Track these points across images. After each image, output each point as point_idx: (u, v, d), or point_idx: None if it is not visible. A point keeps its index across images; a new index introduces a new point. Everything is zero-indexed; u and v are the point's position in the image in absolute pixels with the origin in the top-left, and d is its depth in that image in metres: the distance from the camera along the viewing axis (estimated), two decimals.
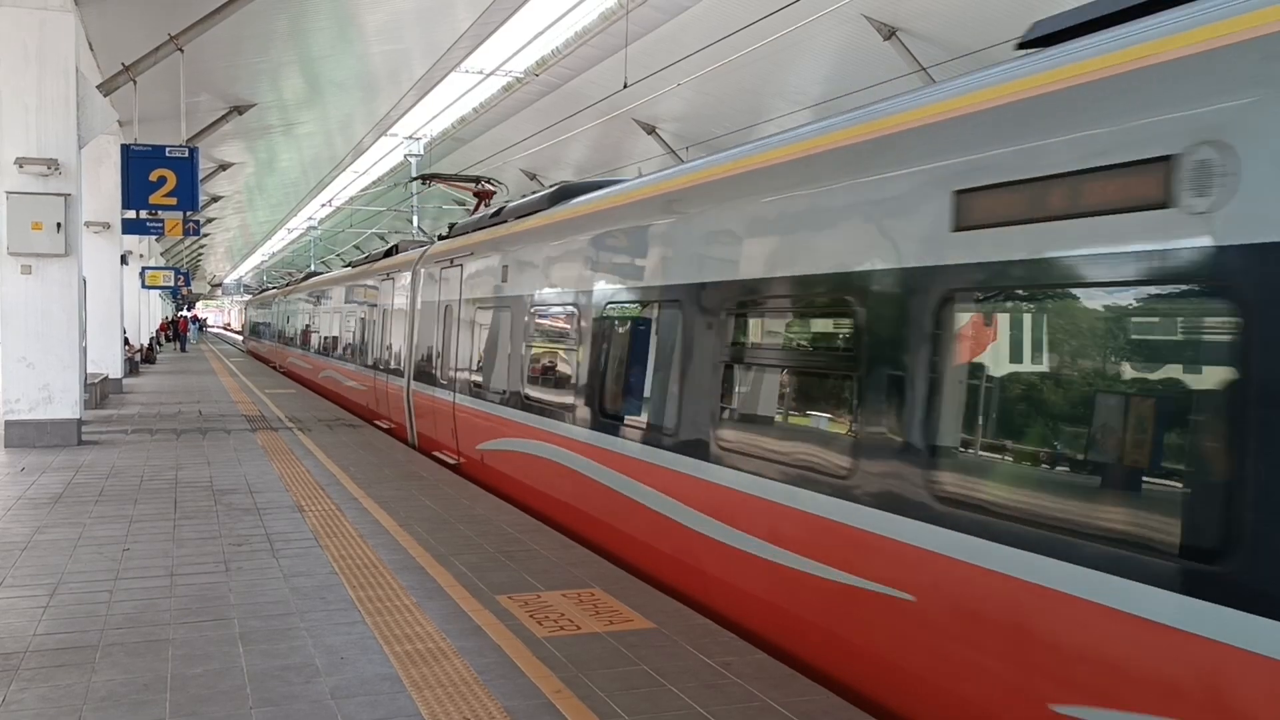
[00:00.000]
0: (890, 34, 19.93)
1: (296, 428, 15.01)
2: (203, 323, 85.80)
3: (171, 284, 34.91)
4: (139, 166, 13.91)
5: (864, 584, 4.56)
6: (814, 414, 5.40)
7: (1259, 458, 2.99)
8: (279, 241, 74.19)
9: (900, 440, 4.40)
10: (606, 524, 7.41)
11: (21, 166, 12.48)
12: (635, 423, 7.02)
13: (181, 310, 69.72)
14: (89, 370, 17.58)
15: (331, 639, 5.21)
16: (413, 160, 36.25)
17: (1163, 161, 3.33)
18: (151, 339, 38.36)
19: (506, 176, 36.78)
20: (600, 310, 7.78)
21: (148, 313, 38.24)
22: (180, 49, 14.35)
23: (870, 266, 4.72)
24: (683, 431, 6.31)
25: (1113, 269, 3.50)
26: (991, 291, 4.06)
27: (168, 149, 14.13)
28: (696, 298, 6.30)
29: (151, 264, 34.67)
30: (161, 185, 13.91)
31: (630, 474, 6.95)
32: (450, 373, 12.06)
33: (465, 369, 11.45)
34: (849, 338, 4.97)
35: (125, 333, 24.04)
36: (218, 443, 13.21)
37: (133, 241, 28.53)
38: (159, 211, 16.81)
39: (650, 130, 28.06)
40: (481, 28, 20.87)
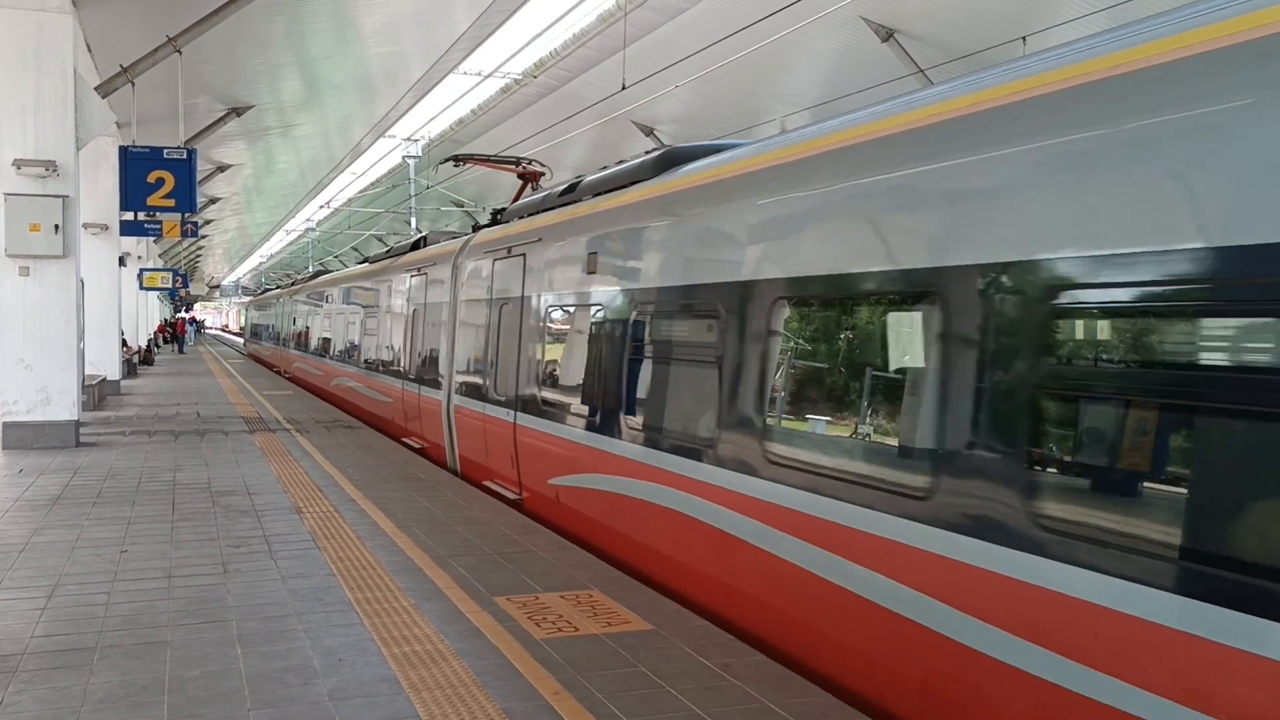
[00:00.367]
0: (888, 36, 19.95)
1: (294, 429, 15.01)
2: (200, 324, 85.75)
3: (169, 286, 34.92)
4: (137, 168, 13.90)
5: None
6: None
7: None
8: (277, 243, 74.18)
9: None
10: (787, 611, 5.27)
11: (19, 168, 12.48)
12: (848, 476, 4.77)
13: (179, 312, 69.72)
14: (87, 372, 17.59)
15: (330, 641, 5.21)
16: (411, 162, 36.24)
17: None
18: (149, 340, 38.33)
19: (504, 178, 36.81)
20: (775, 306, 5.52)
21: (145, 314, 38.21)
22: (178, 50, 14.35)
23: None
24: (968, 492, 4.01)
25: None
26: None
27: (166, 151, 14.12)
28: (995, 285, 3.99)
29: (149, 266, 34.69)
30: (159, 187, 13.90)
31: (844, 551, 4.75)
32: (511, 386, 9.82)
33: (534, 383, 9.20)
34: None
35: (123, 334, 24.01)
36: (216, 444, 13.20)
37: (131, 243, 28.53)
38: (157, 213, 16.77)
39: (649, 132, 28.07)
40: (480, 29, 20.87)
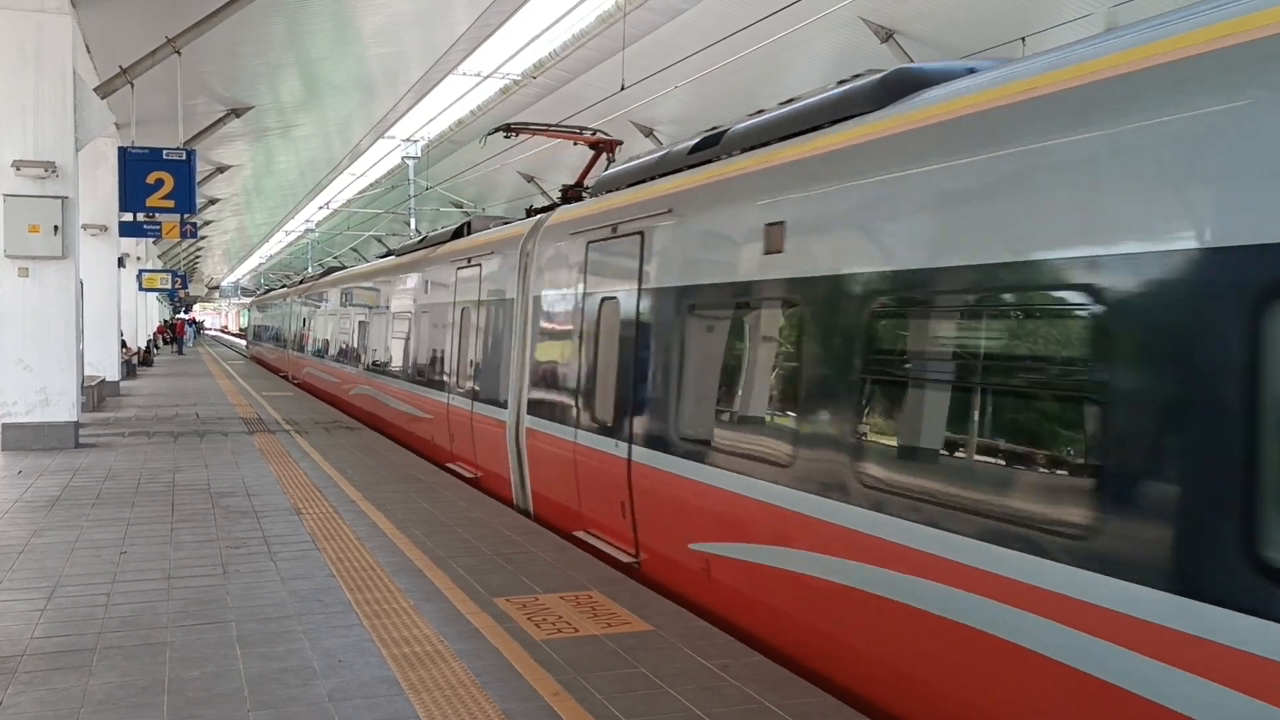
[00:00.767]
0: (888, 36, 19.94)
1: (294, 430, 15.01)
2: (199, 325, 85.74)
3: (169, 287, 34.92)
4: (136, 169, 13.89)
5: None
6: None
7: None
8: (276, 244, 74.18)
9: None
10: None
11: (19, 169, 12.49)
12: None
13: (179, 313, 69.71)
14: (86, 373, 17.58)
15: (329, 642, 5.21)
16: (410, 163, 36.24)
17: None
18: (149, 341, 38.33)
19: (504, 178, 36.86)
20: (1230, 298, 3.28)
21: (144, 315, 38.20)
22: (178, 51, 14.35)
23: None
24: None
25: None
26: None
27: (165, 152, 14.12)
28: None
29: (149, 267, 34.69)
30: (159, 188, 13.90)
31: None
32: (624, 410, 7.42)
33: (668, 407, 6.78)
34: None
35: (122, 335, 24.01)
36: (215, 445, 13.20)
37: (130, 244, 28.52)
38: (156, 214, 16.76)
39: (648, 133, 28.07)
40: (479, 30, 20.87)
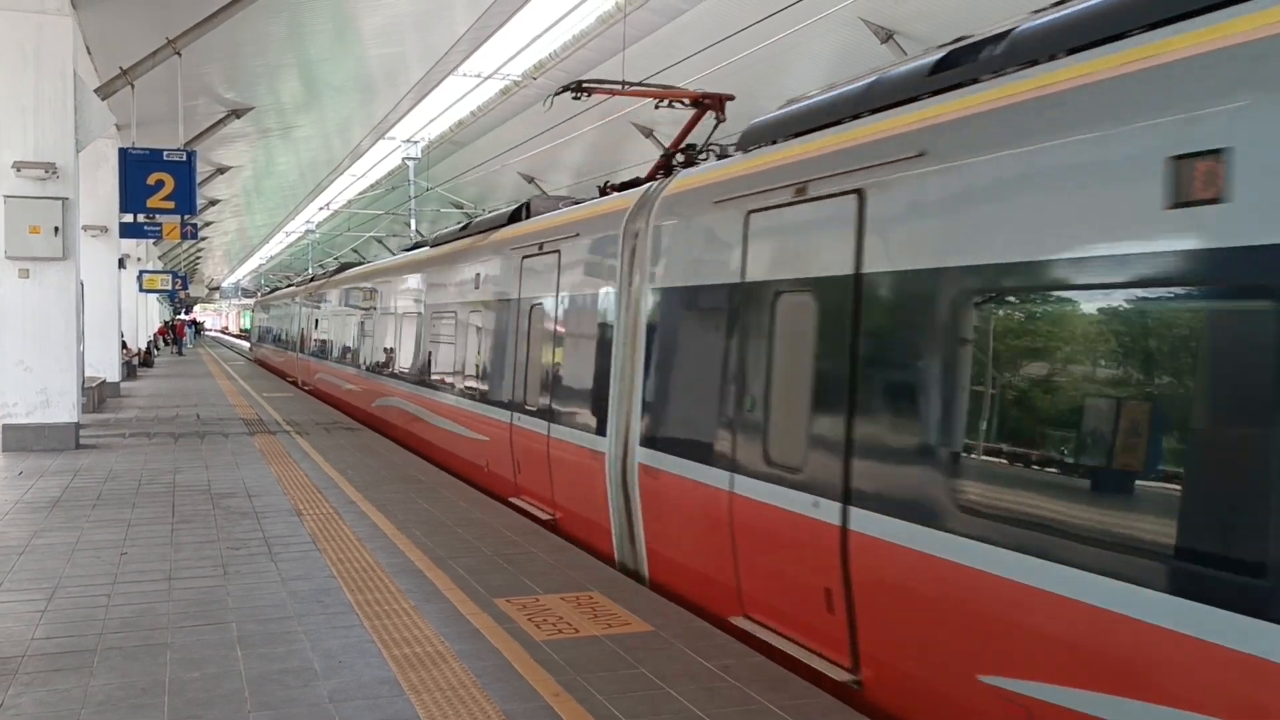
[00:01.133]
0: (888, 37, 19.93)
1: (294, 431, 15.01)
2: (200, 326, 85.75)
3: (169, 288, 34.89)
4: (136, 170, 13.90)
5: None
6: None
7: None
8: (276, 245, 74.19)
9: None
10: None
11: (19, 170, 12.48)
12: None
13: (179, 314, 69.69)
14: (86, 374, 17.58)
15: (330, 642, 5.21)
16: (410, 164, 36.22)
17: None
18: (149, 342, 38.31)
19: (504, 179, 36.84)
20: None
21: (145, 316, 38.20)
22: (178, 52, 14.35)
23: None
24: None
25: None
26: None
27: (165, 152, 14.12)
28: None
29: (149, 268, 34.66)
30: (159, 189, 13.90)
31: None
32: (825, 453, 5.07)
33: (921, 452, 4.43)
34: None
35: (123, 336, 24.01)
36: (215, 446, 13.20)
37: (130, 245, 28.50)
38: (157, 215, 16.76)
39: (648, 134, 28.06)
40: (479, 31, 20.85)
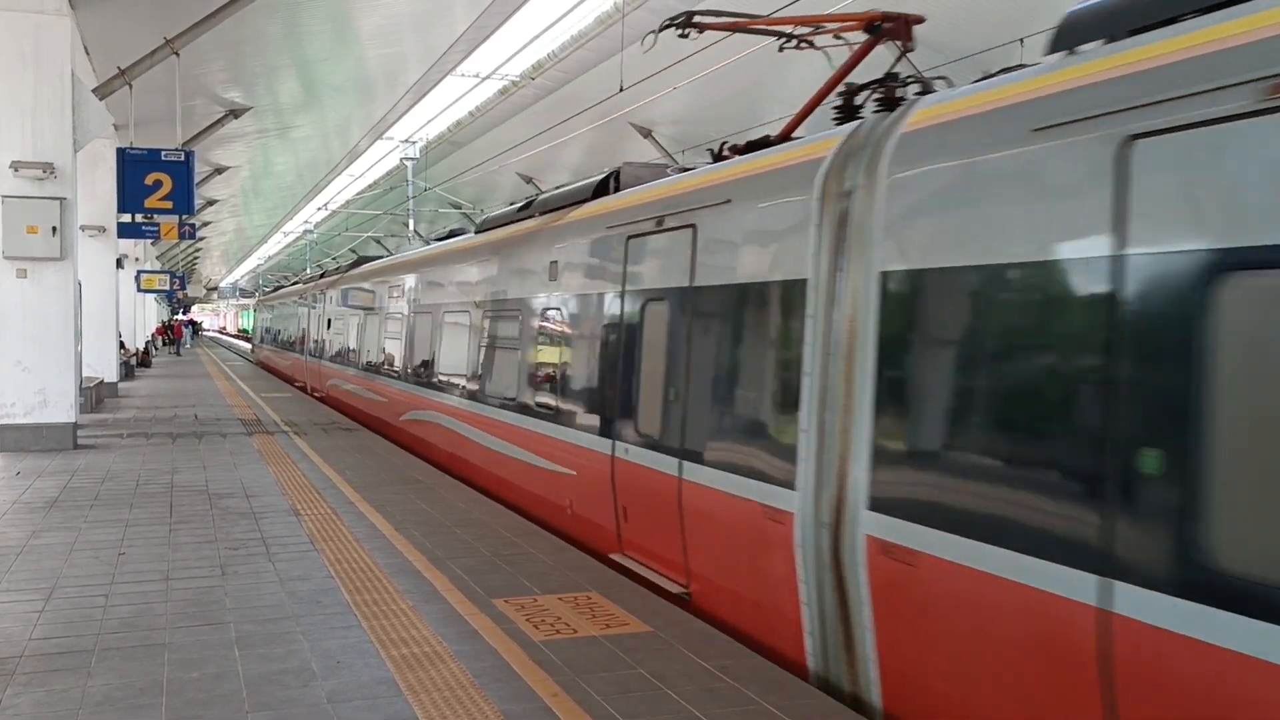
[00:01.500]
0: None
1: (292, 431, 15.00)
2: (197, 326, 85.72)
3: (167, 288, 34.87)
4: (134, 170, 13.88)
5: None
6: None
7: None
8: (274, 245, 74.18)
9: None
10: None
11: (17, 170, 12.47)
12: None
13: (177, 314, 69.65)
14: (84, 374, 17.57)
15: (328, 643, 5.20)
16: (409, 164, 36.20)
17: None
18: (147, 343, 38.28)
19: (503, 179, 36.83)
20: None
21: (143, 316, 38.17)
22: (176, 53, 14.33)
23: None
24: None
25: None
26: None
27: (163, 153, 14.10)
28: None
29: (147, 268, 34.64)
30: (157, 189, 13.89)
31: None
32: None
33: None
34: None
35: (121, 336, 23.99)
36: (213, 447, 13.19)
37: (128, 245, 28.48)
38: (154, 215, 16.76)
39: (647, 134, 28.06)
40: (478, 31, 20.85)
